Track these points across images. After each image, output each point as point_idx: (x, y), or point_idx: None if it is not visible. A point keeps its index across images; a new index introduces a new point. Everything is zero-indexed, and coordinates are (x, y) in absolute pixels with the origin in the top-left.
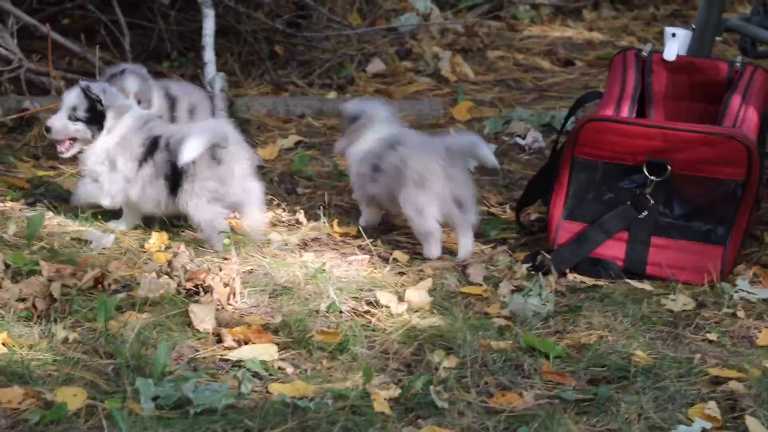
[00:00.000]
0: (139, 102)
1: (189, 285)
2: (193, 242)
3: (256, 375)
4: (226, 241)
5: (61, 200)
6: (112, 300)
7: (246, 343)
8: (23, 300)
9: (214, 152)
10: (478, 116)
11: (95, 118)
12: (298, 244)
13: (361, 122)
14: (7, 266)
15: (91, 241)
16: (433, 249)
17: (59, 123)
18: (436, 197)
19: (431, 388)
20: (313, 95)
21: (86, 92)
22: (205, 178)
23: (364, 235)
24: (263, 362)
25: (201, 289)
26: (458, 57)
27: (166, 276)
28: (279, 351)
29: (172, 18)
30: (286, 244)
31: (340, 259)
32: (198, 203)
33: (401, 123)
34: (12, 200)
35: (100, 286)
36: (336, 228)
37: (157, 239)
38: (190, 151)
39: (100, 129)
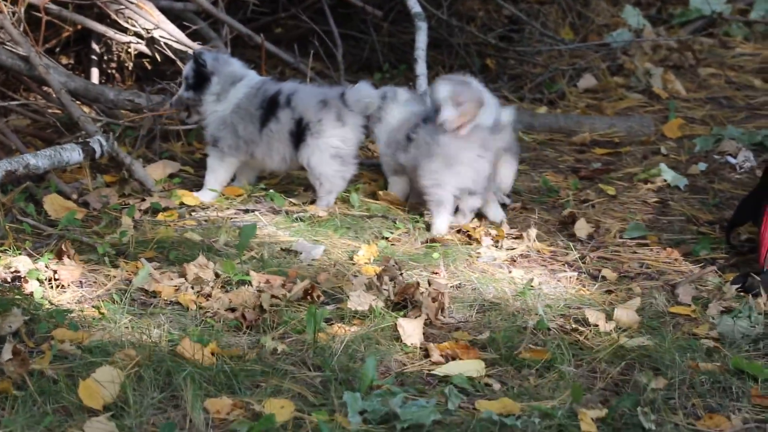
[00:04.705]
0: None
1: (397, 299)
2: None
3: (462, 391)
4: (436, 255)
5: (273, 211)
6: (321, 312)
7: (453, 358)
8: (233, 310)
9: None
10: (689, 134)
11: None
12: (507, 260)
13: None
14: (217, 275)
15: (301, 252)
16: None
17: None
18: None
19: (639, 408)
20: (524, 109)
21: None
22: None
23: (573, 251)
24: (470, 378)
25: (409, 303)
26: (670, 73)
27: (374, 289)
28: (486, 367)
29: (384, 30)
30: (495, 260)
31: (548, 276)
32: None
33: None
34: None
35: (309, 297)
36: (544, 244)
37: (366, 251)
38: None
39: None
